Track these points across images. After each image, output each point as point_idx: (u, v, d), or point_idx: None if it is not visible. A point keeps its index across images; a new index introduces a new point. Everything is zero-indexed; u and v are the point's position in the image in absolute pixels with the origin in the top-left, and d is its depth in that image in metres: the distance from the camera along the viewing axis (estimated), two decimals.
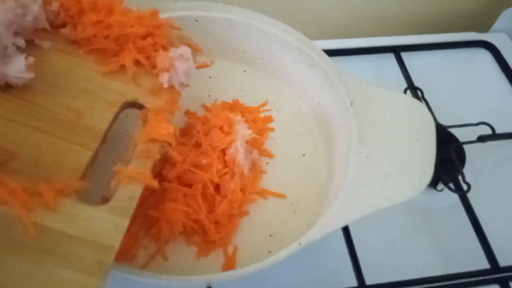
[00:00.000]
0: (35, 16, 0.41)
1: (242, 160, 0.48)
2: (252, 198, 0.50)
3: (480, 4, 0.86)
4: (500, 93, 0.74)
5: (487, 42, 0.78)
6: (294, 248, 0.40)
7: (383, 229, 0.56)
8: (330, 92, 0.53)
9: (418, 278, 0.51)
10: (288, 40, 0.55)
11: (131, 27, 0.44)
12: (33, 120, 0.38)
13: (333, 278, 0.52)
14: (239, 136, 0.49)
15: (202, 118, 0.53)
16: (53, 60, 0.42)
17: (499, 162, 0.65)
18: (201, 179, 0.47)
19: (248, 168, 0.50)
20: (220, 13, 0.56)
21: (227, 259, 0.46)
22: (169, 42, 0.46)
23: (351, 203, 0.43)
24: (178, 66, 0.44)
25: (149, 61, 0.45)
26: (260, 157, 0.54)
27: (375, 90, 0.50)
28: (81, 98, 0.41)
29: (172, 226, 0.45)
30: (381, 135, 0.47)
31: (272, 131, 0.57)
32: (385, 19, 0.85)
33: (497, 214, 0.59)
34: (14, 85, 0.38)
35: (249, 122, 0.54)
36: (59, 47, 0.43)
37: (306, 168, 0.54)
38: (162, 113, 0.42)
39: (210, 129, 0.51)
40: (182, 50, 0.44)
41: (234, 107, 0.57)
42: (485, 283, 0.52)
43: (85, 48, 0.43)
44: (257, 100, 0.59)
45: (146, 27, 0.45)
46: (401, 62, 0.73)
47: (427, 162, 0.45)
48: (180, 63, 0.44)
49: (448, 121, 0.63)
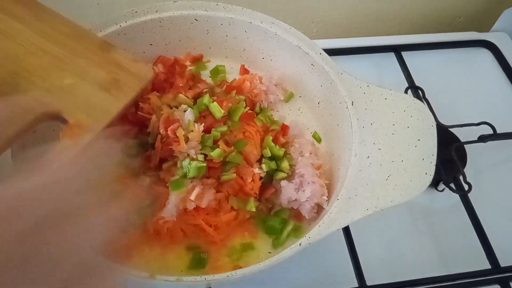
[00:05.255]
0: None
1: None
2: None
3: (480, 4, 0.86)
4: (501, 92, 0.74)
5: (488, 42, 0.78)
6: (294, 248, 0.40)
7: (384, 230, 0.56)
8: (330, 91, 0.53)
9: (419, 278, 0.51)
10: (288, 39, 0.55)
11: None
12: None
13: (333, 278, 0.52)
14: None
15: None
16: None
17: (500, 162, 0.65)
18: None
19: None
20: (220, 12, 0.56)
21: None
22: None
23: (352, 204, 0.43)
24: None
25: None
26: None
27: (376, 89, 0.50)
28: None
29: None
30: (382, 135, 0.47)
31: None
32: (386, 19, 0.84)
33: (498, 214, 0.59)
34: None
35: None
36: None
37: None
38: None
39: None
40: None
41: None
42: (486, 283, 0.52)
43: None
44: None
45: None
46: (402, 61, 0.73)
47: (428, 162, 0.45)
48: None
49: (449, 121, 0.63)
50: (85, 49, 0.47)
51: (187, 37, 0.58)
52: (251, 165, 0.49)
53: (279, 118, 0.56)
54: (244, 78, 0.58)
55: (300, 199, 0.48)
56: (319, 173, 0.50)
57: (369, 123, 0.48)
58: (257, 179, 0.48)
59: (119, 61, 0.48)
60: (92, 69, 0.46)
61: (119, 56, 0.49)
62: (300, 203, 0.48)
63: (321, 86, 0.55)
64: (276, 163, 0.51)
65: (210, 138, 0.48)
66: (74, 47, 0.47)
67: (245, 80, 0.57)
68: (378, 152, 0.46)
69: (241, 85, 0.57)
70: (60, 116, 0.42)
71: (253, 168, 0.49)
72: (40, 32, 0.46)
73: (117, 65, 0.48)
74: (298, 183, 0.49)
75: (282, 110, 0.59)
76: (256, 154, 0.50)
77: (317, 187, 0.48)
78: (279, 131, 0.54)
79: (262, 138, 0.52)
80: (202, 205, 0.45)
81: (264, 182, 0.50)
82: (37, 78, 0.43)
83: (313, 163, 0.50)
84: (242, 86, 0.56)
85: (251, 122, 0.53)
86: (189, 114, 0.49)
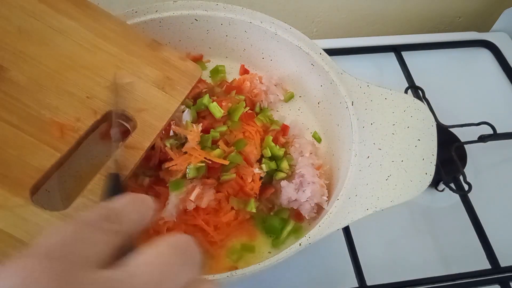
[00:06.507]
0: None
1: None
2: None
3: (480, 4, 0.86)
4: (501, 92, 0.73)
5: (488, 42, 0.78)
6: (294, 248, 0.40)
7: (384, 230, 0.56)
8: (330, 91, 0.53)
9: (419, 278, 0.51)
10: (288, 39, 0.55)
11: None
12: (5, 112, 0.37)
13: (334, 278, 0.52)
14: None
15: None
16: (45, 59, 0.41)
17: (500, 162, 0.65)
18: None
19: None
20: (220, 12, 0.56)
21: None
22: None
23: (352, 204, 0.43)
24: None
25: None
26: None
27: (376, 89, 0.50)
28: (64, 100, 0.40)
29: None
30: (382, 135, 0.47)
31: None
32: (386, 18, 0.84)
33: (498, 214, 0.59)
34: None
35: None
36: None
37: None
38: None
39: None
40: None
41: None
42: (486, 284, 0.52)
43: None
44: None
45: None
46: (402, 61, 0.73)
47: (428, 162, 0.45)
48: None
49: (449, 121, 0.63)
50: (136, 47, 0.47)
51: (187, 37, 0.58)
52: (251, 165, 0.49)
53: (279, 118, 0.56)
54: (244, 78, 0.58)
55: (300, 199, 0.48)
56: (319, 173, 0.50)
57: (369, 123, 0.48)
58: (257, 179, 0.48)
59: (168, 60, 0.48)
60: (145, 67, 0.46)
61: (168, 54, 0.49)
62: (300, 203, 0.48)
63: (321, 86, 0.55)
64: (276, 163, 0.51)
65: (209, 138, 0.48)
66: (126, 45, 0.47)
67: (245, 80, 0.57)
68: (378, 152, 0.46)
69: (241, 85, 0.57)
70: (123, 115, 0.42)
71: (253, 168, 0.49)
72: (92, 30, 0.46)
73: (167, 63, 0.48)
74: (298, 183, 0.49)
75: (282, 110, 0.59)
76: (256, 154, 0.50)
77: (317, 187, 0.48)
78: (279, 131, 0.54)
79: (262, 138, 0.52)
80: (202, 206, 0.45)
81: (264, 182, 0.50)
82: (97, 76, 0.43)
83: (313, 163, 0.50)
84: (242, 86, 0.56)
85: (251, 122, 0.53)
86: (187, 115, 0.49)
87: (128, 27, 0.49)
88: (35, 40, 0.42)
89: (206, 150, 0.47)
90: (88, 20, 0.46)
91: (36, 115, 0.38)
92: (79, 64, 0.43)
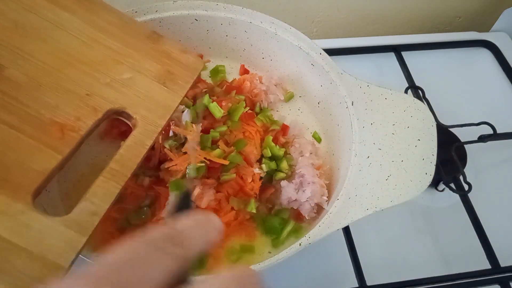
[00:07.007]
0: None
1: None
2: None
3: (480, 4, 0.86)
4: (501, 92, 0.73)
5: (488, 42, 0.78)
6: (294, 248, 0.40)
7: (384, 230, 0.56)
8: (330, 91, 0.53)
9: (419, 278, 0.51)
10: (288, 39, 0.55)
11: None
12: (4, 113, 0.35)
13: (334, 278, 0.52)
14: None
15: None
16: (43, 56, 0.40)
17: (500, 162, 0.65)
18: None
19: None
20: (220, 12, 0.56)
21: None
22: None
23: (352, 204, 0.43)
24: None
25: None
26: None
27: (376, 89, 0.50)
28: (63, 98, 0.38)
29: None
30: (382, 135, 0.47)
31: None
32: (386, 19, 0.84)
33: (498, 214, 0.59)
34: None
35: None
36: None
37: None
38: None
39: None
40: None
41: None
42: (486, 284, 0.52)
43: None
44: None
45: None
46: (402, 61, 0.73)
47: (428, 162, 0.45)
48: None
49: (449, 121, 0.63)
50: (135, 40, 0.45)
51: (187, 37, 0.58)
52: (251, 165, 0.49)
53: (279, 118, 0.56)
54: (244, 78, 0.58)
55: (300, 199, 0.48)
56: (319, 173, 0.50)
57: (369, 123, 0.48)
58: (257, 179, 0.48)
59: (169, 52, 0.47)
60: (146, 61, 0.44)
61: (169, 46, 0.47)
62: (300, 203, 0.48)
63: (321, 86, 0.55)
64: (276, 163, 0.51)
65: (209, 138, 0.48)
66: (125, 38, 0.45)
67: (245, 80, 0.57)
68: (378, 152, 0.46)
69: (241, 85, 0.56)
70: (124, 112, 0.41)
71: (253, 168, 0.49)
72: (89, 22, 0.43)
73: (168, 56, 0.46)
74: (298, 183, 0.49)
75: (282, 110, 0.59)
76: (256, 154, 0.50)
77: (317, 187, 0.48)
78: (279, 131, 0.54)
79: (262, 138, 0.52)
80: (202, 206, 0.45)
81: (264, 182, 0.50)
82: (96, 72, 0.41)
83: (313, 163, 0.50)
84: (242, 86, 0.56)
85: (251, 122, 0.53)
86: (186, 115, 0.49)
87: (127, 19, 0.47)
88: (32, 35, 0.40)
89: (206, 150, 0.47)
90: (86, 13, 0.44)
91: (35, 115, 0.36)
92: (78, 60, 0.41)
